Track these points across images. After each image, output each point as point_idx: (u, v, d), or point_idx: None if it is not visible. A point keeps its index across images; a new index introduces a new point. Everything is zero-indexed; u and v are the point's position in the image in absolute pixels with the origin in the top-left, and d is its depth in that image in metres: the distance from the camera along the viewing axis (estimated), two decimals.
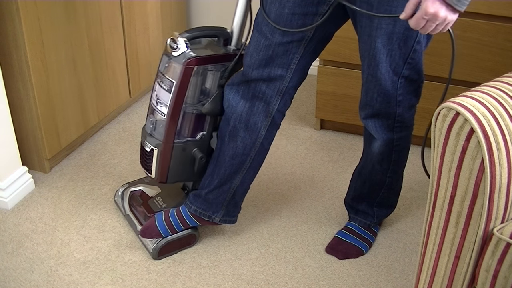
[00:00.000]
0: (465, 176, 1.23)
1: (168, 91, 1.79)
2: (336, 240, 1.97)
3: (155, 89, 1.84)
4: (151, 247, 1.90)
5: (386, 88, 1.64)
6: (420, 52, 1.61)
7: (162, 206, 2.00)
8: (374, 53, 1.59)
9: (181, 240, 1.92)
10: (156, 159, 1.86)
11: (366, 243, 1.95)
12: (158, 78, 1.83)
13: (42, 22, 2.07)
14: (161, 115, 1.82)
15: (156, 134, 1.85)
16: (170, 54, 1.78)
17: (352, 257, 1.92)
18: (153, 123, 1.85)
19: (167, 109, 1.80)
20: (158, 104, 1.82)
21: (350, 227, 1.98)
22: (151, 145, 1.85)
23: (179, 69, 1.76)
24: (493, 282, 1.23)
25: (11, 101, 2.14)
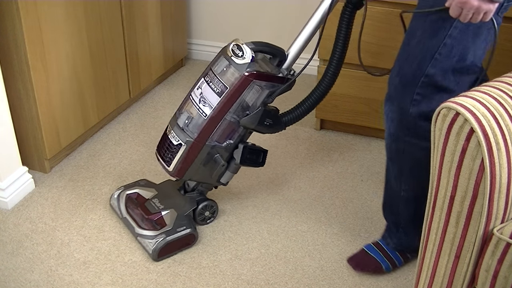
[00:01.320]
0: (465, 176, 1.23)
1: (218, 94, 1.79)
2: (361, 252, 1.91)
3: (200, 86, 1.84)
4: (151, 248, 1.89)
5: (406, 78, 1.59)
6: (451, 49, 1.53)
7: (160, 207, 1.99)
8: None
9: (180, 240, 1.92)
10: (180, 154, 1.86)
11: (390, 262, 1.87)
12: (208, 76, 1.83)
13: (42, 22, 2.07)
14: (201, 114, 1.82)
15: (189, 130, 1.85)
16: (231, 59, 1.78)
17: (369, 271, 1.87)
18: (188, 119, 1.85)
19: (211, 111, 1.80)
20: (201, 102, 1.82)
21: (379, 242, 1.92)
22: (180, 140, 1.85)
23: (238, 77, 1.77)
24: (493, 282, 1.23)
25: (11, 101, 2.14)
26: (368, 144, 2.53)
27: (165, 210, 1.97)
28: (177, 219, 1.94)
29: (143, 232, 1.93)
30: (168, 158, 1.90)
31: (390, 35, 2.26)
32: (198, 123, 1.84)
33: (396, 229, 1.84)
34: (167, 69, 2.98)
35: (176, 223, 1.93)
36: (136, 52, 2.65)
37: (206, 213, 2.04)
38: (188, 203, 2.00)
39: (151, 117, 2.70)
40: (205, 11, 3.14)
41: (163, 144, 1.92)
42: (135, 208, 2.02)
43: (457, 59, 1.53)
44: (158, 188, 2.08)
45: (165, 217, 1.96)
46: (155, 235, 1.90)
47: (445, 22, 1.49)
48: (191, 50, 3.25)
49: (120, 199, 2.06)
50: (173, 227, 1.92)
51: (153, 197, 2.04)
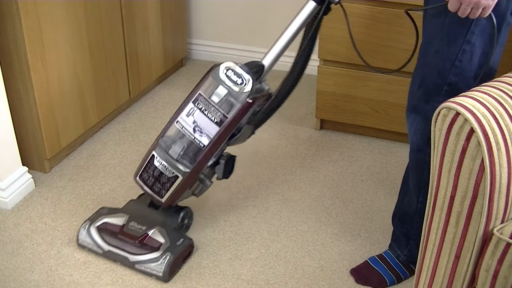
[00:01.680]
0: (465, 176, 1.23)
1: (217, 124, 1.72)
2: (365, 264, 1.88)
3: (191, 114, 1.75)
4: (161, 270, 1.79)
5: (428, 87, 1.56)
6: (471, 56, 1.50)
7: (142, 228, 1.88)
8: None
9: (183, 252, 1.86)
10: (176, 186, 1.80)
11: (394, 276, 1.84)
12: (201, 103, 1.74)
13: (42, 22, 2.07)
14: (198, 144, 1.75)
15: (185, 161, 1.77)
16: (230, 88, 1.70)
17: (372, 285, 1.84)
18: (183, 150, 1.77)
19: (209, 141, 1.74)
20: (197, 132, 1.74)
21: (384, 255, 1.88)
22: (176, 172, 1.77)
23: (239, 106, 1.70)
24: (493, 282, 1.23)
25: (11, 101, 2.14)
26: (368, 144, 2.53)
27: (150, 230, 1.88)
28: (169, 234, 1.87)
29: (142, 258, 1.83)
30: (159, 189, 1.83)
31: (389, 34, 2.26)
32: (194, 153, 1.76)
33: (406, 240, 1.81)
34: (167, 69, 2.98)
35: (171, 237, 1.86)
36: (136, 52, 2.65)
37: (186, 220, 1.98)
38: (170, 216, 1.93)
39: (151, 117, 2.70)
40: (205, 11, 3.14)
41: (152, 174, 1.82)
42: (114, 237, 1.89)
43: (478, 65, 1.50)
44: (127, 212, 1.95)
45: (155, 236, 1.87)
46: (159, 255, 1.82)
47: (461, 28, 1.46)
48: (191, 50, 3.25)
49: (91, 234, 1.91)
50: (171, 242, 1.85)
51: (127, 221, 1.91)
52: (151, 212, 1.94)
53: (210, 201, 2.15)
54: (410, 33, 2.24)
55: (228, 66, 1.72)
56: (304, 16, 1.76)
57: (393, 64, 2.31)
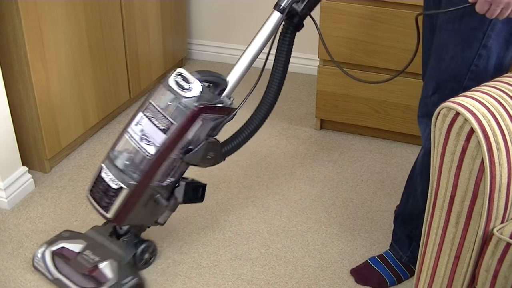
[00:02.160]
0: (465, 176, 1.23)
1: (163, 131, 1.62)
2: (365, 265, 1.88)
3: (139, 122, 1.65)
4: None
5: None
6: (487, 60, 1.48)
7: (95, 259, 1.77)
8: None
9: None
10: (121, 199, 1.66)
11: (394, 276, 1.84)
12: (149, 111, 1.64)
13: (42, 22, 2.07)
14: (144, 154, 1.64)
15: (130, 172, 1.65)
16: (176, 92, 1.61)
17: (372, 286, 1.84)
18: (129, 160, 1.65)
19: (156, 150, 1.62)
20: (143, 141, 1.63)
21: (384, 255, 1.88)
22: (121, 183, 1.64)
23: (187, 112, 1.61)
24: (493, 282, 1.23)
25: (11, 101, 2.14)
26: (368, 144, 2.53)
27: (102, 262, 1.76)
28: (120, 269, 1.76)
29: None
30: (106, 203, 1.69)
31: (389, 34, 2.26)
32: (141, 164, 1.64)
33: (409, 242, 1.81)
34: (167, 69, 2.98)
35: (120, 274, 1.74)
36: (136, 52, 2.65)
37: (146, 255, 1.86)
38: (126, 249, 1.81)
39: None
40: (205, 11, 3.14)
41: (98, 187, 1.70)
42: (66, 265, 1.78)
43: (493, 68, 1.49)
44: (86, 238, 1.85)
45: (104, 270, 1.75)
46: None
47: (477, 32, 1.45)
48: (191, 50, 3.25)
49: (45, 258, 1.80)
50: (118, 279, 1.73)
51: (83, 249, 1.81)
52: (110, 242, 1.83)
53: (210, 201, 2.15)
54: (410, 33, 2.25)
55: (179, 72, 1.64)
56: (269, 29, 1.72)
57: (393, 64, 2.31)
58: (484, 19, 1.40)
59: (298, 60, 1.89)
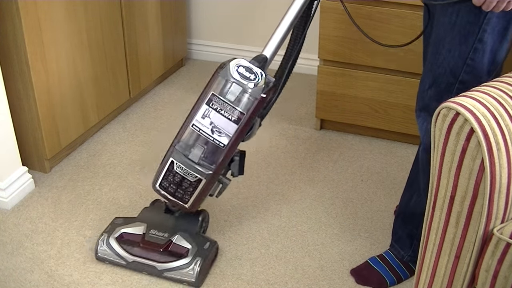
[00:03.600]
0: (465, 176, 1.23)
1: (235, 122, 1.70)
2: (365, 265, 1.88)
3: (208, 115, 1.72)
4: (193, 275, 1.78)
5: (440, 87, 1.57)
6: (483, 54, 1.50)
7: (165, 235, 1.86)
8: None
9: (211, 255, 1.86)
10: (200, 189, 1.77)
11: (394, 276, 1.84)
12: (215, 104, 1.71)
13: (42, 22, 2.07)
14: (218, 145, 1.71)
15: (207, 163, 1.74)
16: (244, 84, 1.69)
17: (373, 286, 1.84)
18: (203, 153, 1.73)
19: (228, 139, 1.71)
20: (215, 133, 1.71)
21: (384, 255, 1.88)
22: (199, 175, 1.74)
23: (255, 102, 1.69)
24: (493, 282, 1.23)
25: (11, 101, 2.14)
26: (368, 144, 2.53)
27: (173, 236, 1.85)
28: (194, 238, 1.86)
29: (171, 265, 1.80)
30: (181, 194, 1.79)
31: (389, 34, 2.26)
32: (215, 154, 1.73)
33: (410, 241, 1.81)
34: (167, 69, 2.98)
35: (197, 242, 1.85)
36: (136, 52, 2.65)
37: (204, 224, 1.97)
38: (191, 220, 1.91)
39: (151, 117, 2.70)
40: (205, 11, 3.14)
41: (172, 181, 1.78)
42: (137, 247, 1.85)
43: (488, 62, 1.51)
44: (144, 220, 1.92)
45: (179, 242, 1.85)
46: (189, 261, 1.80)
47: (473, 26, 1.46)
48: (191, 50, 3.25)
49: (112, 245, 1.87)
50: (198, 246, 1.84)
51: (147, 229, 1.88)
52: (169, 218, 1.92)
53: (210, 201, 2.15)
54: (410, 33, 2.25)
55: (239, 63, 1.72)
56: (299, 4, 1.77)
57: (393, 64, 2.31)
58: (480, 14, 1.42)
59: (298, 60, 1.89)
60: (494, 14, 1.42)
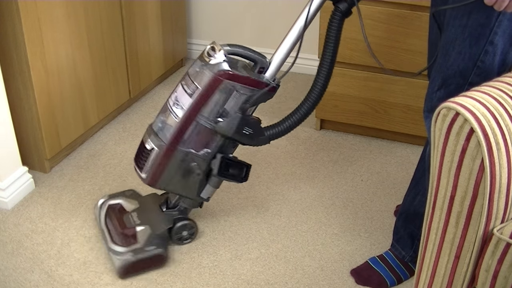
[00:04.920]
0: (465, 176, 1.23)
1: (189, 95, 1.76)
2: (365, 265, 1.88)
3: (176, 90, 1.81)
4: (117, 265, 1.82)
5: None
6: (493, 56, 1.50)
7: (136, 222, 1.91)
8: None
9: (148, 260, 1.85)
10: (152, 159, 1.81)
11: (394, 277, 1.84)
12: (184, 80, 1.80)
13: (42, 22, 2.07)
14: (174, 117, 1.78)
15: (162, 134, 1.80)
16: (204, 60, 1.75)
17: (373, 286, 1.84)
18: (162, 123, 1.81)
19: (182, 112, 1.76)
20: (175, 105, 1.79)
21: (384, 255, 1.88)
22: (153, 144, 1.80)
23: (209, 77, 1.73)
24: (493, 282, 1.23)
25: (11, 101, 2.14)
26: (368, 144, 2.53)
27: (140, 226, 1.88)
28: (149, 237, 1.86)
29: (113, 247, 1.85)
30: (142, 165, 1.84)
31: (390, 35, 2.26)
32: (170, 126, 1.79)
33: (412, 241, 1.81)
34: (167, 69, 2.98)
35: (148, 241, 1.85)
36: (136, 52, 2.65)
37: (184, 233, 1.95)
38: (164, 221, 1.92)
39: (151, 117, 2.70)
40: (205, 11, 3.14)
41: (140, 150, 1.87)
42: (113, 219, 1.95)
43: (499, 65, 1.50)
44: (140, 201, 2.00)
45: (139, 234, 1.87)
46: (123, 252, 1.83)
47: (484, 29, 1.46)
48: (191, 50, 3.25)
49: (102, 208, 1.99)
50: (143, 245, 1.84)
51: (133, 210, 1.96)
52: (155, 211, 1.95)
53: (210, 201, 2.15)
54: (410, 33, 2.25)
55: (212, 43, 1.78)
56: (311, 11, 1.77)
57: (393, 64, 2.31)
58: (491, 16, 1.41)
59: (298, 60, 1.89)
60: (505, 16, 1.41)
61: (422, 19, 2.18)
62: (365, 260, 1.89)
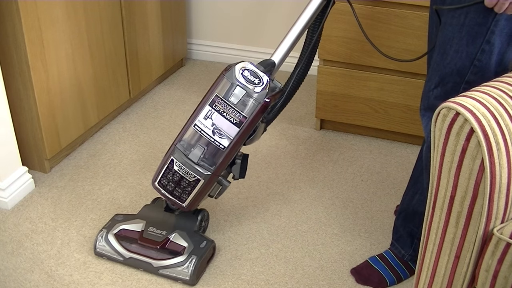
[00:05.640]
0: (465, 176, 1.23)
1: (236, 125, 1.70)
2: (365, 264, 1.88)
3: (210, 116, 1.72)
4: (188, 273, 1.79)
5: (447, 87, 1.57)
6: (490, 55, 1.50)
7: (163, 233, 1.88)
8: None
9: (207, 254, 1.86)
10: (197, 189, 1.77)
11: (394, 276, 1.84)
12: (218, 105, 1.71)
13: (42, 22, 2.07)
14: (219, 146, 1.72)
15: (206, 164, 1.74)
16: (248, 88, 1.69)
17: (373, 285, 1.84)
18: (203, 153, 1.73)
19: (229, 142, 1.71)
20: (216, 134, 1.72)
21: (384, 254, 1.88)
22: (198, 176, 1.74)
23: (257, 106, 1.69)
24: (493, 282, 1.23)
25: (11, 101, 2.14)
26: (368, 144, 2.53)
27: (170, 234, 1.87)
28: (191, 237, 1.87)
29: (167, 263, 1.81)
30: (179, 193, 1.80)
31: (389, 34, 2.26)
32: (214, 155, 1.74)
33: (411, 240, 1.81)
34: (167, 69, 2.98)
35: (194, 240, 1.86)
36: (136, 52, 2.65)
37: (203, 223, 1.98)
38: (189, 219, 1.92)
39: (151, 117, 2.70)
40: (205, 11, 3.14)
41: (171, 180, 1.79)
42: (134, 244, 1.87)
43: (496, 64, 1.51)
44: (143, 217, 1.94)
45: (176, 240, 1.86)
46: (184, 259, 1.81)
47: (481, 27, 1.46)
48: (191, 50, 3.25)
49: (110, 241, 1.89)
50: (195, 245, 1.85)
51: (145, 227, 1.90)
52: (169, 216, 1.93)
53: (211, 201, 2.15)
54: (410, 33, 2.25)
55: (244, 67, 1.71)
56: (312, 10, 1.76)
57: (393, 64, 2.31)
58: (488, 15, 1.42)
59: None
60: (503, 16, 1.42)
61: (422, 19, 2.18)
62: (365, 259, 1.89)
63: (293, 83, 1.86)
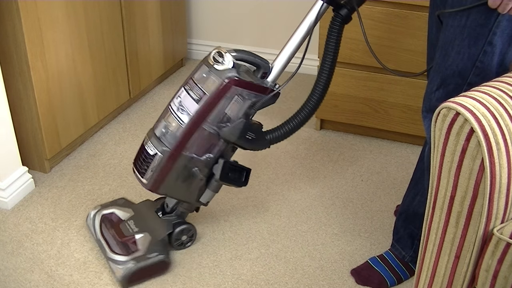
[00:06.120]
0: (465, 176, 1.23)
1: (196, 101, 1.73)
2: (365, 265, 1.88)
3: (179, 95, 1.78)
4: (120, 274, 1.78)
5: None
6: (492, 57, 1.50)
7: (134, 230, 1.89)
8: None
9: (151, 267, 1.82)
10: (155, 165, 1.78)
11: (395, 277, 1.84)
12: (188, 84, 1.77)
13: (42, 22, 2.07)
14: (179, 122, 1.76)
15: (165, 140, 1.77)
16: (212, 66, 1.73)
17: (373, 286, 1.84)
18: (165, 128, 1.78)
19: (188, 118, 1.74)
20: (179, 110, 1.76)
21: (385, 255, 1.88)
22: (156, 149, 1.77)
23: (217, 83, 1.71)
24: (493, 282, 1.23)
25: (11, 101, 2.14)
26: (368, 144, 2.53)
27: (139, 234, 1.87)
28: (150, 244, 1.84)
29: (113, 257, 1.82)
30: (143, 169, 1.81)
31: (390, 35, 2.26)
32: (175, 131, 1.76)
33: (412, 241, 1.81)
34: (167, 69, 2.98)
35: (149, 248, 1.83)
36: (136, 52, 2.65)
37: (184, 237, 1.94)
38: (163, 226, 1.90)
39: (151, 117, 2.70)
40: (205, 11, 3.14)
41: (139, 155, 1.83)
42: (110, 229, 1.92)
43: (497, 65, 1.50)
44: (135, 209, 1.98)
45: (138, 241, 1.85)
46: (125, 260, 1.80)
47: (483, 29, 1.46)
48: (191, 50, 3.25)
49: (95, 219, 1.96)
50: (145, 253, 1.82)
51: (129, 218, 1.94)
52: (152, 217, 1.93)
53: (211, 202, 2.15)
54: (410, 33, 2.25)
55: (218, 48, 1.76)
56: (313, 17, 1.77)
57: (393, 64, 2.31)
58: (490, 16, 1.41)
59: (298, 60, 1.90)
60: (504, 17, 1.41)
61: (422, 19, 2.18)
62: (365, 260, 1.89)
63: (311, 102, 1.87)
